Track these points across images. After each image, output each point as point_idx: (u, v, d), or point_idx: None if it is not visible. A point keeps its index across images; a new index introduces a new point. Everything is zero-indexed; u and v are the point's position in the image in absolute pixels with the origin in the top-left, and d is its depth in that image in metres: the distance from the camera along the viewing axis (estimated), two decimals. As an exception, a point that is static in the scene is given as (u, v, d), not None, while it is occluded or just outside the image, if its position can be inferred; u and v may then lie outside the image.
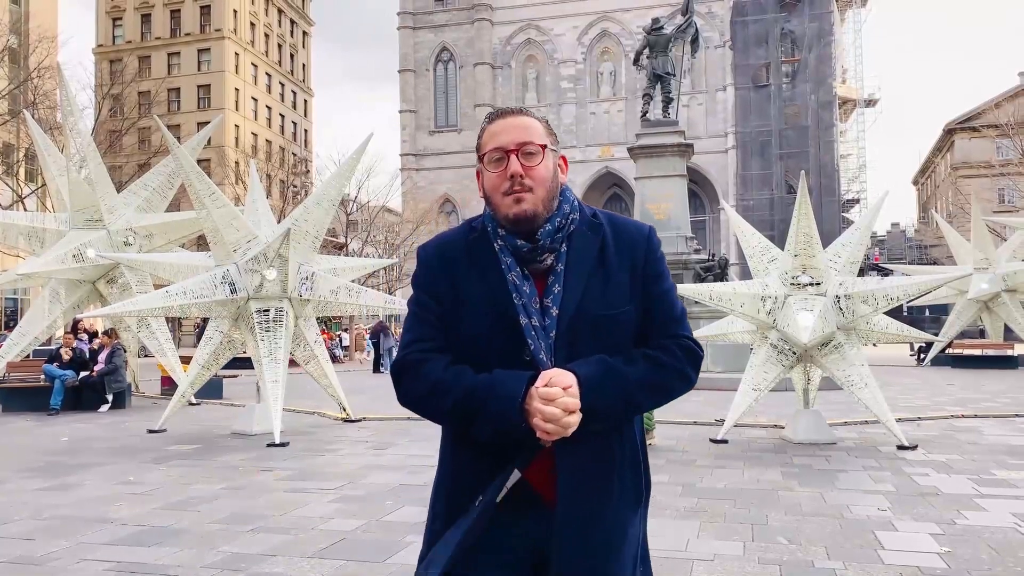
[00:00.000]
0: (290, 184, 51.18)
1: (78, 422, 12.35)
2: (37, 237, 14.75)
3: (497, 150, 1.86)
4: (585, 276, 1.87)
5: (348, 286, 11.41)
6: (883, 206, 10.46)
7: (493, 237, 1.91)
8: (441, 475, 1.97)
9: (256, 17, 69.66)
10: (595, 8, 65.45)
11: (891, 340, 10.25)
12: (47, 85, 32.82)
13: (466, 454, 1.89)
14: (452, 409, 1.82)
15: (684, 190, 22.77)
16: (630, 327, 1.90)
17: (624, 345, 1.88)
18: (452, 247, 1.96)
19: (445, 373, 1.84)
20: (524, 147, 1.85)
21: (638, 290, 1.91)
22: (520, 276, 1.87)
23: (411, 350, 1.90)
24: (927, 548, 5.08)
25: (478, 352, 1.85)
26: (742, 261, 30.99)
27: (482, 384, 1.79)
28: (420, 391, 1.86)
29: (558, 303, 1.85)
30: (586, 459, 1.84)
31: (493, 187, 1.88)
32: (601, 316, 1.86)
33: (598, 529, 1.85)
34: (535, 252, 1.87)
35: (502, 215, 1.87)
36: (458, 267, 1.92)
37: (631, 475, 1.94)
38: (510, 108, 1.96)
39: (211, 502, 6.57)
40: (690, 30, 24.08)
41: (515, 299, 1.85)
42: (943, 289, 22.54)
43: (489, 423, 1.77)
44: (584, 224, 1.93)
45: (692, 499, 6.52)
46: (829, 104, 56.01)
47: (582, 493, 1.83)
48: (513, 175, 1.83)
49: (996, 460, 8.29)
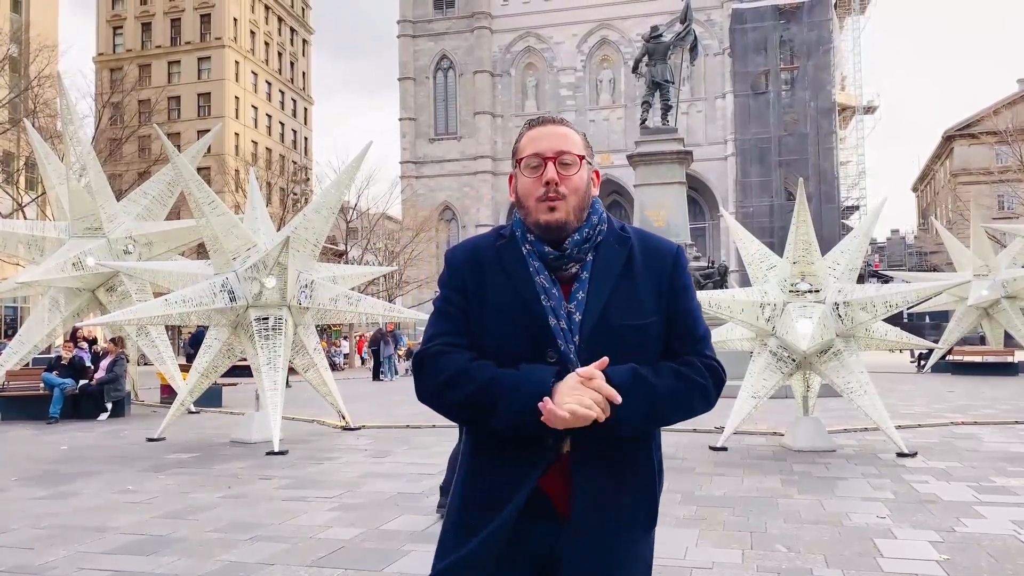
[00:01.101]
0: (290, 192, 51.19)
1: (77, 430, 12.34)
2: (37, 245, 14.77)
3: (535, 156, 1.88)
4: (610, 286, 1.88)
5: (347, 294, 11.42)
6: (882, 213, 10.49)
7: (522, 242, 1.92)
8: (460, 484, 1.96)
9: (256, 25, 69.87)
10: (594, 16, 65.65)
11: (891, 347, 10.24)
12: (47, 94, 32.89)
13: (485, 462, 1.89)
14: (474, 395, 1.80)
15: (683, 197, 22.79)
16: (654, 340, 1.90)
17: (648, 357, 1.87)
18: (481, 250, 1.97)
19: (469, 364, 1.84)
20: (562, 156, 1.87)
21: (663, 305, 1.91)
22: (548, 279, 1.88)
23: (435, 343, 1.90)
24: (926, 556, 5.07)
25: (503, 353, 1.85)
26: (742, 268, 31.00)
27: (508, 373, 1.80)
28: (441, 380, 1.85)
29: (581, 309, 1.86)
30: (602, 473, 1.84)
31: (527, 192, 1.90)
32: (624, 326, 1.86)
33: (611, 545, 1.85)
34: (561, 259, 1.89)
35: (533, 220, 1.89)
36: (486, 270, 1.93)
37: (646, 495, 1.93)
38: (551, 116, 1.98)
39: (210, 510, 6.56)
40: (689, 38, 24.12)
41: (544, 300, 1.86)
42: (943, 296, 22.50)
43: (512, 412, 1.76)
44: (612, 236, 1.95)
45: (691, 507, 6.51)
46: (828, 111, 56.12)
47: (597, 507, 1.83)
48: (549, 182, 1.86)
49: (996, 467, 8.28)
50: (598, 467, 1.83)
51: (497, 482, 1.85)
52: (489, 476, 1.88)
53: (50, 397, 13.67)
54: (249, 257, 10.29)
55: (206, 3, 65.89)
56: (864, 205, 58.25)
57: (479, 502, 1.87)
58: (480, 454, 1.92)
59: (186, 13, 66.43)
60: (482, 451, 1.91)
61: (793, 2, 56.85)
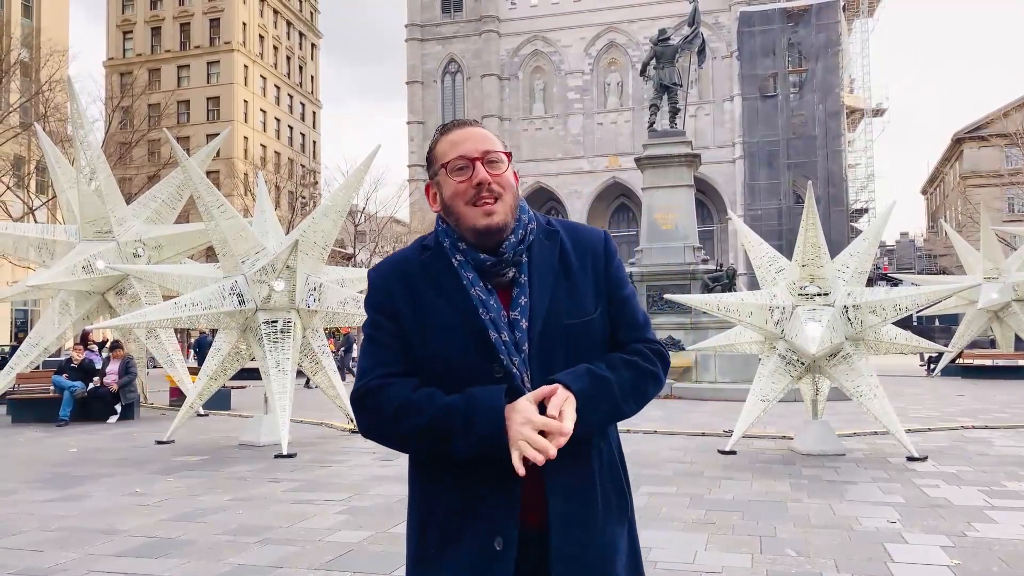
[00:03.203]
0: (298, 195, 51.38)
1: (86, 433, 12.39)
2: (47, 249, 14.86)
3: (461, 158, 1.81)
4: (550, 285, 1.83)
5: (356, 297, 11.44)
6: (891, 215, 10.43)
7: (452, 252, 1.84)
8: (419, 511, 1.87)
9: (265, 30, 70.18)
10: (602, 19, 65.63)
11: (900, 351, 10.19)
12: (58, 98, 33.04)
13: (445, 484, 1.81)
14: (427, 427, 1.72)
15: (691, 200, 22.76)
16: (599, 333, 1.87)
17: (596, 352, 1.84)
18: (407, 266, 1.89)
19: (414, 394, 1.76)
20: (488, 155, 1.81)
21: (603, 296, 1.88)
22: (484, 291, 1.81)
23: (371, 377, 1.81)
24: (937, 560, 5.04)
25: (445, 373, 1.78)
26: (750, 271, 31.04)
27: (459, 401, 1.72)
28: (386, 415, 1.77)
29: (526, 315, 1.80)
30: (572, 476, 1.79)
31: (456, 196, 1.81)
32: (571, 324, 1.82)
33: (592, 549, 1.80)
34: (499, 265, 1.82)
35: (469, 226, 1.81)
36: (416, 287, 1.85)
37: (613, 487, 1.88)
38: (463, 119, 1.92)
39: (219, 513, 6.58)
40: (697, 40, 24.12)
41: (482, 314, 1.78)
42: (953, 299, 22.43)
43: (472, 439, 1.69)
44: (541, 233, 1.90)
45: (700, 511, 6.49)
46: (836, 114, 55.97)
47: (573, 516, 1.78)
48: (481, 182, 1.79)
49: (1006, 471, 8.23)
50: (570, 474, 1.78)
51: (470, 507, 1.77)
52: (457, 497, 1.79)
53: (60, 400, 13.72)
54: (258, 260, 10.31)
55: (215, 7, 66.25)
56: (873, 208, 58.13)
57: (451, 531, 1.79)
58: (436, 475, 1.82)
59: (195, 18, 66.79)
60: (438, 471, 1.81)
61: (801, 5, 56.76)
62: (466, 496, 1.78)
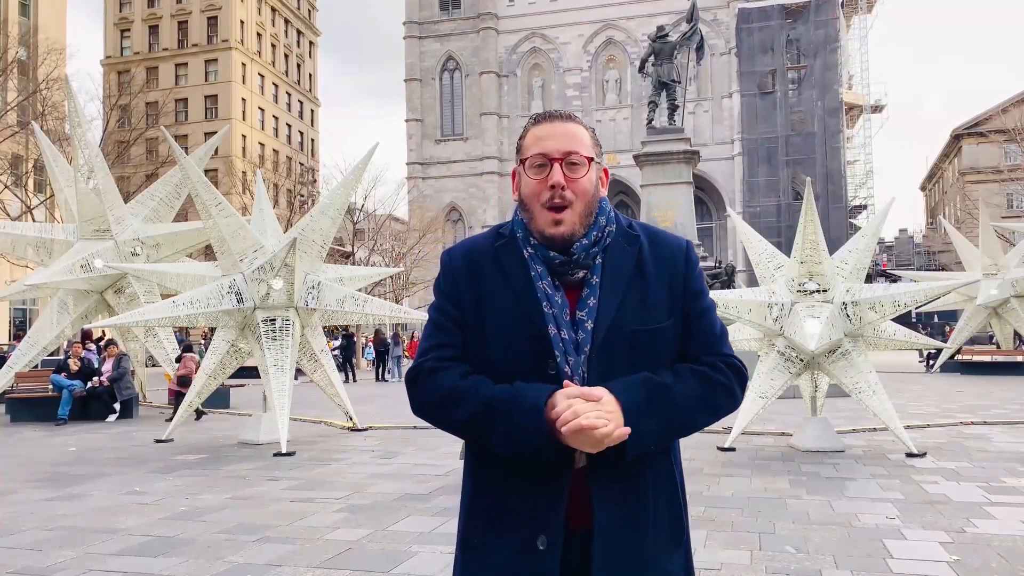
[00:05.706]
0: (297, 193, 51.26)
1: (85, 432, 12.38)
2: (45, 248, 14.85)
3: (540, 156, 1.77)
4: (622, 289, 1.78)
5: (354, 295, 11.43)
6: (890, 212, 10.44)
7: (523, 244, 1.82)
8: (469, 496, 1.87)
9: (263, 28, 70.07)
10: (600, 16, 65.55)
11: (899, 347, 10.19)
12: (55, 97, 33.00)
13: (495, 473, 1.79)
14: (469, 419, 1.73)
15: (690, 197, 22.77)
16: (669, 344, 1.81)
17: (663, 363, 1.78)
18: (478, 253, 1.87)
19: (462, 381, 1.76)
20: (569, 156, 1.77)
21: (678, 306, 1.82)
22: (551, 285, 1.78)
23: (428, 357, 1.82)
24: (936, 557, 5.04)
25: (501, 364, 1.76)
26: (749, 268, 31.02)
27: (501, 394, 1.70)
28: (434, 399, 1.78)
29: (593, 316, 1.75)
30: (620, 489, 1.74)
31: (532, 194, 1.79)
32: (639, 331, 1.76)
33: (637, 563, 1.75)
34: (567, 265, 1.79)
35: (537, 229, 1.79)
36: (484, 274, 1.83)
37: (667, 510, 1.82)
38: (558, 112, 1.86)
39: (217, 512, 6.57)
40: (695, 37, 24.12)
41: (545, 308, 1.76)
42: (952, 295, 22.42)
43: (509, 435, 1.67)
44: (620, 236, 1.85)
45: (699, 507, 6.48)
46: (835, 110, 55.96)
47: (618, 526, 1.73)
48: (555, 185, 1.75)
49: (1006, 467, 8.23)
50: (618, 483, 1.73)
51: (515, 502, 1.75)
52: (506, 495, 1.77)
53: (59, 399, 13.71)
54: (256, 259, 10.31)
55: (213, 5, 66.13)
56: (872, 204, 58.13)
57: (495, 522, 1.79)
58: (490, 470, 1.82)
59: (193, 16, 66.66)
60: (492, 467, 1.80)
61: (799, 1, 56.71)
62: (512, 491, 1.76)
